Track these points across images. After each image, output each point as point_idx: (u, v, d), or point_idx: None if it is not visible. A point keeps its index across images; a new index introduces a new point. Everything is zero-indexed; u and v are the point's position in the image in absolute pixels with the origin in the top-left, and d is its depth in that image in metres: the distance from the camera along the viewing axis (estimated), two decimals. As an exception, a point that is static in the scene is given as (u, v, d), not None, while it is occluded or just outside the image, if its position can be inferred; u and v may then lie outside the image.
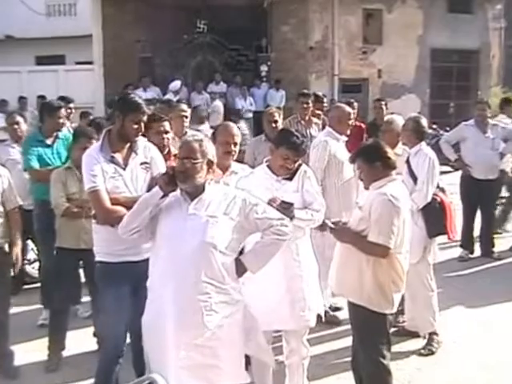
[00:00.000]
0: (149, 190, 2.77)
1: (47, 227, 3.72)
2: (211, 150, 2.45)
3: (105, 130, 2.90)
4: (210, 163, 2.41)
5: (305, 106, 5.17)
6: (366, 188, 2.94)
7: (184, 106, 5.00)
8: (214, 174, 3.11)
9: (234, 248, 2.42)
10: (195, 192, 2.38)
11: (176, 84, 11.26)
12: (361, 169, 2.91)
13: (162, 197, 2.40)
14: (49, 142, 4.17)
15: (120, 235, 2.49)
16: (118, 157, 2.79)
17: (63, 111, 4.23)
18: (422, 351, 3.74)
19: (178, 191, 2.42)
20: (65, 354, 3.69)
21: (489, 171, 5.65)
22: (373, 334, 2.83)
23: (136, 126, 2.78)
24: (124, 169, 2.79)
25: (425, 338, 3.83)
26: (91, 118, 5.90)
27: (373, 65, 13.63)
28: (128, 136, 2.80)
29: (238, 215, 2.40)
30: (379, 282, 2.75)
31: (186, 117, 4.90)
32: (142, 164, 2.83)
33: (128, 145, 2.83)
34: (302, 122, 5.17)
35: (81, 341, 3.81)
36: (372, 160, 2.85)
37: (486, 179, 5.63)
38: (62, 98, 6.00)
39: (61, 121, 4.19)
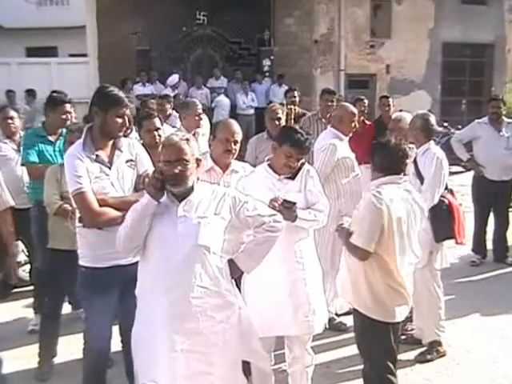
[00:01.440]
0: (135, 188, 2.79)
1: (45, 229, 3.72)
2: (196, 148, 2.46)
3: (86, 127, 2.85)
4: (197, 162, 2.42)
5: (329, 103, 5.10)
6: None
7: (199, 104, 5.03)
8: (215, 173, 3.16)
9: (228, 249, 2.43)
10: (183, 193, 2.37)
11: (174, 78, 11.27)
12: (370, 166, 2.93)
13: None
14: (51, 138, 4.14)
15: (122, 254, 2.47)
16: (103, 155, 2.75)
17: (68, 107, 4.16)
18: (419, 357, 3.73)
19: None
20: (57, 360, 3.69)
21: (503, 172, 5.63)
22: (374, 345, 2.80)
23: (120, 121, 2.73)
24: (109, 168, 2.75)
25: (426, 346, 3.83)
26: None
27: (381, 59, 13.63)
28: (112, 132, 2.75)
29: (229, 214, 2.41)
30: (373, 288, 2.76)
31: (201, 114, 4.93)
32: (127, 162, 2.81)
33: (111, 142, 2.79)
34: (323, 119, 5.13)
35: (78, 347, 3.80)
36: (376, 157, 2.87)
37: (499, 180, 5.62)
38: (31, 91, 5.92)
39: (64, 117, 4.13)
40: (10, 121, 4.61)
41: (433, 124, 3.95)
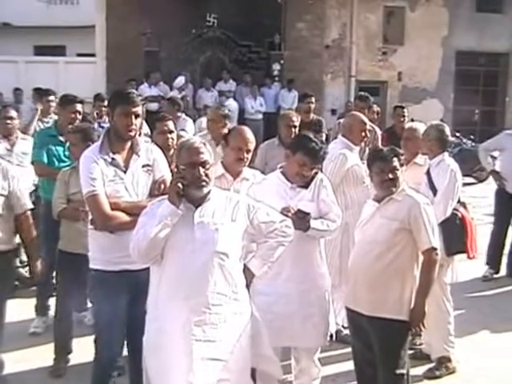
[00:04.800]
0: (150, 194, 2.81)
1: (52, 229, 3.75)
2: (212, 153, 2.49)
3: (105, 129, 2.89)
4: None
5: (361, 111, 4.98)
6: (380, 197, 2.98)
7: (222, 108, 4.95)
8: (225, 180, 3.17)
9: (243, 255, 2.47)
10: (200, 199, 2.38)
11: (180, 80, 11.29)
12: (398, 172, 2.96)
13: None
14: (62, 138, 4.18)
15: (140, 263, 2.48)
16: (119, 158, 2.77)
17: (78, 106, 4.21)
18: (428, 373, 3.71)
19: None
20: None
21: None
22: (405, 346, 2.97)
23: (126, 120, 2.71)
24: (125, 172, 2.77)
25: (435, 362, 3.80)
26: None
27: (393, 66, 13.63)
28: (120, 132, 2.74)
29: (244, 221, 2.44)
30: (412, 291, 2.92)
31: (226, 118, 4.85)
32: (143, 167, 2.82)
33: (129, 146, 2.80)
34: None
35: (86, 349, 3.79)
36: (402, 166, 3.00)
37: None
38: (38, 89, 5.98)
39: (72, 116, 4.17)
40: (8, 121, 4.65)
41: (448, 135, 3.94)
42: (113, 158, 2.75)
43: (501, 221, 5.70)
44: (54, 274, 4.02)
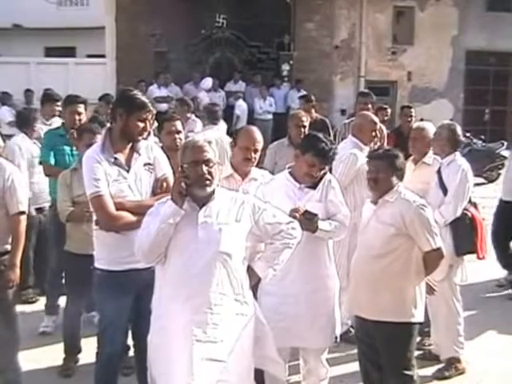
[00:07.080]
0: (153, 192, 2.82)
1: (62, 230, 3.77)
2: (217, 152, 2.49)
3: (105, 129, 2.90)
4: (218, 165, 2.46)
5: (362, 106, 4.99)
6: (375, 199, 2.99)
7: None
8: (234, 180, 3.17)
9: (247, 256, 2.46)
10: (204, 199, 2.38)
11: (209, 81, 11.32)
12: (382, 173, 2.94)
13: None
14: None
15: (144, 263, 2.48)
16: (121, 158, 2.79)
17: (78, 106, 4.25)
18: (437, 374, 3.70)
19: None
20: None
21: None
22: (412, 348, 2.97)
23: (142, 125, 2.77)
24: (127, 171, 2.79)
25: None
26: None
27: (402, 66, 13.57)
28: (133, 135, 2.79)
29: (249, 221, 2.43)
30: (418, 293, 2.92)
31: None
32: (145, 165, 2.84)
33: (130, 145, 2.83)
34: None
35: (95, 349, 3.81)
36: (396, 168, 2.94)
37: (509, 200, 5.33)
38: (45, 94, 6.03)
39: (72, 116, 4.21)
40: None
41: (459, 135, 3.92)
42: (115, 158, 2.77)
43: (498, 228, 5.50)
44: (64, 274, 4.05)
